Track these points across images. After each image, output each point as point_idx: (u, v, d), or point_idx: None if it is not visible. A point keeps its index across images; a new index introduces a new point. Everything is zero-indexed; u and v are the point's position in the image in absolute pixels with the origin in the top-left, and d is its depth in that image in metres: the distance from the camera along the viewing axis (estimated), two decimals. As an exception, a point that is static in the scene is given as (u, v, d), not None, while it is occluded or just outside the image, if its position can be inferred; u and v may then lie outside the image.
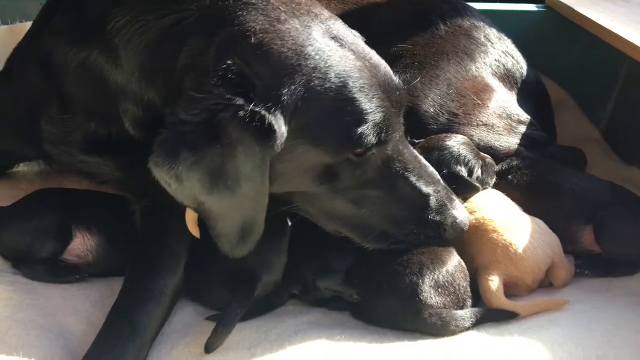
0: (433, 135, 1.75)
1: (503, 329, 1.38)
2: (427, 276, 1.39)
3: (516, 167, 1.76)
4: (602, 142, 2.27)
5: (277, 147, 1.20)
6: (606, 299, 1.49)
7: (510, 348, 1.31)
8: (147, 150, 1.21)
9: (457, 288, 1.41)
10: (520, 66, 2.06)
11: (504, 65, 2.02)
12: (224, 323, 1.33)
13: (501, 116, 1.88)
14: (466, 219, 1.47)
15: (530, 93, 2.05)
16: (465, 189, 1.63)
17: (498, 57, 2.01)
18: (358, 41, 1.36)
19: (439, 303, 1.38)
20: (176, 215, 1.39)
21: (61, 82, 1.48)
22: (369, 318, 1.44)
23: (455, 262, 1.45)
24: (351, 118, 1.25)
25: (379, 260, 1.43)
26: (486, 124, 1.85)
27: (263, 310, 1.47)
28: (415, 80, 1.86)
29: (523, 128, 1.89)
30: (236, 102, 1.16)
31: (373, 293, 1.42)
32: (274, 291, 1.47)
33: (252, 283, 1.41)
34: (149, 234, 1.51)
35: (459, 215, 1.44)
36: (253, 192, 1.23)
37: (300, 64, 1.22)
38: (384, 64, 1.38)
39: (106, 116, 1.45)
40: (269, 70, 1.21)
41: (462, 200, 1.61)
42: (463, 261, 1.48)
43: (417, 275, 1.39)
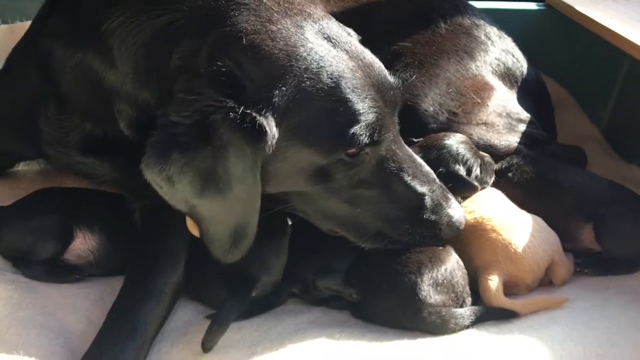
0: (432, 134, 1.74)
1: (503, 327, 1.38)
2: (426, 275, 1.39)
3: (516, 165, 1.75)
4: (602, 141, 2.27)
5: (269, 149, 1.20)
6: (606, 297, 1.49)
7: (510, 346, 1.31)
8: (142, 151, 1.21)
9: (456, 286, 1.41)
10: (520, 64, 2.06)
11: (504, 63, 2.01)
12: (218, 322, 1.33)
13: (501, 115, 1.88)
14: (462, 218, 1.46)
15: (530, 91, 2.04)
16: (463, 188, 1.63)
17: (498, 56, 2.01)
18: (352, 40, 1.36)
19: (438, 301, 1.37)
20: (176, 214, 1.39)
21: (58, 83, 1.48)
22: (369, 317, 1.44)
23: (453, 261, 1.45)
24: (343, 118, 1.25)
25: (378, 259, 1.43)
26: (486, 123, 1.85)
27: (263, 308, 1.47)
28: (415, 79, 1.86)
29: (523, 126, 1.89)
30: (227, 104, 1.16)
31: (372, 292, 1.42)
32: (274, 290, 1.47)
33: (250, 283, 1.41)
34: (149, 233, 1.51)
35: (455, 214, 1.44)
36: (244, 194, 1.23)
37: (291, 65, 1.22)
38: (378, 63, 1.37)
39: (102, 117, 1.45)
40: (260, 71, 1.21)
41: (461, 199, 1.62)
42: (462, 261, 1.48)
43: (416, 274, 1.39)
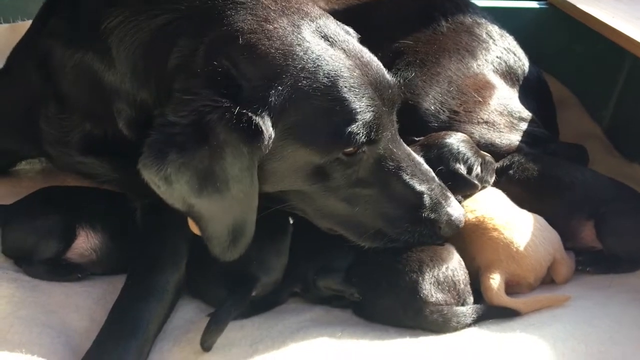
0: (434, 132, 1.74)
1: (505, 325, 1.38)
2: (427, 273, 1.39)
3: (517, 163, 1.75)
4: (604, 139, 2.27)
5: (265, 148, 1.20)
6: (608, 295, 1.48)
7: (512, 344, 1.31)
8: (141, 151, 1.21)
9: (457, 285, 1.41)
10: (522, 63, 2.06)
11: (506, 62, 2.01)
12: (216, 321, 1.33)
13: (502, 113, 1.88)
14: (461, 216, 1.46)
15: (532, 90, 2.04)
16: (464, 187, 1.63)
17: (500, 54, 2.01)
18: (349, 39, 1.35)
19: (440, 300, 1.37)
20: (177, 213, 1.39)
21: (58, 82, 1.48)
22: (370, 316, 1.44)
23: (455, 259, 1.44)
24: (340, 117, 1.25)
25: (378, 258, 1.43)
26: (487, 121, 1.84)
27: (264, 307, 1.47)
28: (417, 78, 1.86)
29: (524, 125, 1.89)
30: (223, 104, 1.17)
31: (373, 291, 1.42)
32: (275, 289, 1.47)
33: (250, 283, 1.41)
34: (151, 231, 1.51)
35: (454, 212, 1.43)
36: (242, 194, 1.23)
37: (287, 65, 1.22)
38: (376, 62, 1.37)
39: (101, 116, 1.45)
40: (256, 71, 1.21)
41: (462, 198, 1.62)
42: (464, 260, 1.48)
43: (417, 272, 1.39)
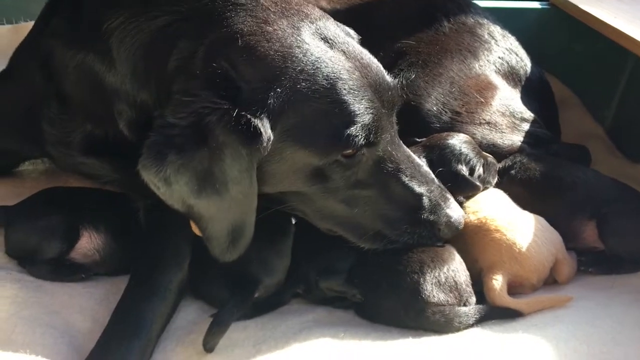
0: (436, 133, 1.74)
1: (507, 326, 1.38)
2: (428, 274, 1.39)
3: (519, 164, 1.75)
4: (606, 140, 2.27)
5: (264, 150, 1.20)
6: (610, 296, 1.48)
7: (514, 344, 1.31)
8: (141, 152, 1.22)
9: (459, 285, 1.41)
10: (524, 63, 2.05)
11: (508, 62, 2.01)
12: (218, 322, 1.33)
13: (504, 114, 1.88)
14: (461, 218, 1.46)
15: (534, 90, 2.04)
16: (465, 188, 1.63)
17: (502, 55, 2.01)
18: (350, 41, 1.35)
19: (442, 300, 1.38)
20: (178, 213, 1.39)
21: (60, 83, 1.49)
22: (373, 316, 1.44)
23: (455, 260, 1.45)
24: (339, 120, 1.25)
25: (380, 259, 1.43)
26: (489, 122, 1.84)
27: (267, 308, 1.47)
28: (419, 78, 1.86)
29: (526, 125, 1.89)
30: (222, 106, 1.17)
31: (374, 292, 1.42)
32: (278, 290, 1.47)
33: (252, 284, 1.41)
34: (153, 232, 1.51)
35: (453, 214, 1.43)
36: (241, 195, 1.23)
37: (286, 67, 1.22)
38: (376, 64, 1.37)
39: (103, 117, 1.46)
40: (255, 73, 1.22)
41: (464, 199, 1.62)
42: (466, 261, 1.48)
43: (418, 273, 1.39)
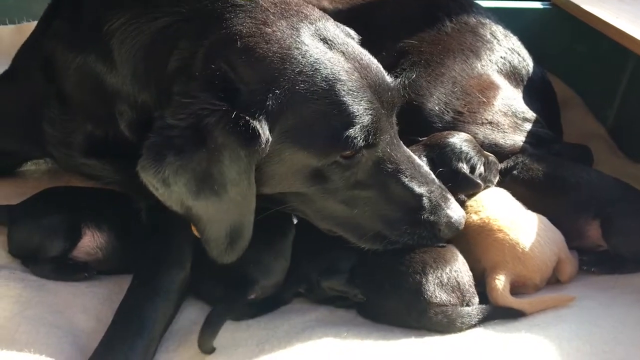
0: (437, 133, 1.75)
1: (510, 326, 1.38)
2: (430, 274, 1.39)
3: (521, 164, 1.75)
4: (608, 139, 2.27)
5: (262, 151, 1.21)
6: (612, 296, 1.48)
7: (517, 344, 1.31)
8: (141, 152, 1.22)
9: (461, 285, 1.41)
10: (526, 63, 2.06)
11: (510, 62, 2.01)
12: (208, 323, 1.32)
13: (506, 114, 1.88)
14: (461, 219, 1.46)
15: (536, 90, 2.04)
16: (466, 186, 1.63)
17: (504, 54, 2.01)
18: (349, 41, 1.35)
19: (444, 300, 1.38)
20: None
21: (61, 83, 1.49)
22: (375, 316, 1.44)
23: (457, 260, 1.45)
24: (338, 121, 1.25)
25: (382, 259, 1.43)
26: (491, 122, 1.84)
27: (269, 307, 1.47)
28: (421, 78, 1.86)
29: (528, 125, 1.89)
30: (221, 107, 1.17)
31: (376, 292, 1.42)
32: (279, 290, 1.47)
33: (247, 285, 1.41)
34: (156, 231, 1.51)
35: (454, 214, 1.43)
36: (239, 197, 1.23)
37: (285, 68, 1.22)
38: (376, 64, 1.37)
39: (103, 118, 1.46)
40: (254, 74, 1.22)
41: (465, 197, 1.62)
42: (469, 261, 1.48)
43: (420, 273, 1.39)
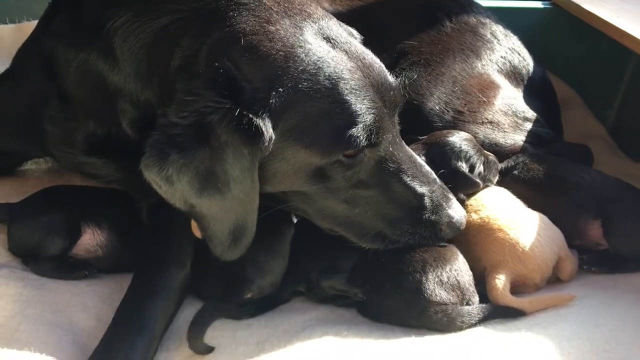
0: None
1: (510, 325, 1.38)
2: (431, 273, 1.39)
3: (522, 164, 1.75)
4: (609, 139, 2.27)
5: (265, 149, 1.21)
6: (613, 295, 1.49)
7: (517, 343, 1.31)
8: (144, 151, 1.22)
9: (461, 284, 1.41)
10: (526, 63, 2.06)
11: (510, 62, 2.01)
12: (196, 322, 1.32)
13: (506, 113, 1.88)
14: (462, 218, 1.46)
15: (536, 90, 2.04)
16: (465, 185, 1.63)
17: (504, 54, 2.01)
18: (352, 40, 1.35)
19: (444, 299, 1.38)
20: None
21: (62, 82, 1.49)
22: (375, 315, 1.44)
23: (458, 259, 1.45)
24: (341, 120, 1.25)
25: (382, 259, 1.43)
26: (491, 121, 1.85)
27: (269, 306, 1.47)
28: (421, 78, 1.86)
29: (529, 125, 1.89)
30: (224, 105, 1.17)
31: (377, 291, 1.42)
32: (279, 289, 1.47)
33: (242, 285, 1.41)
34: (156, 230, 1.51)
35: (455, 214, 1.43)
36: (242, 194, 1.23)
37: (288, 66, 1.22)
38: (379, 64, 1.37)
39: (105, 116, 1.46)
40: (257, 72, 1.22)
41: (465, 196, 1.62)
42: (470, 261, 1.48)
43: (420, 272, 1.39)
